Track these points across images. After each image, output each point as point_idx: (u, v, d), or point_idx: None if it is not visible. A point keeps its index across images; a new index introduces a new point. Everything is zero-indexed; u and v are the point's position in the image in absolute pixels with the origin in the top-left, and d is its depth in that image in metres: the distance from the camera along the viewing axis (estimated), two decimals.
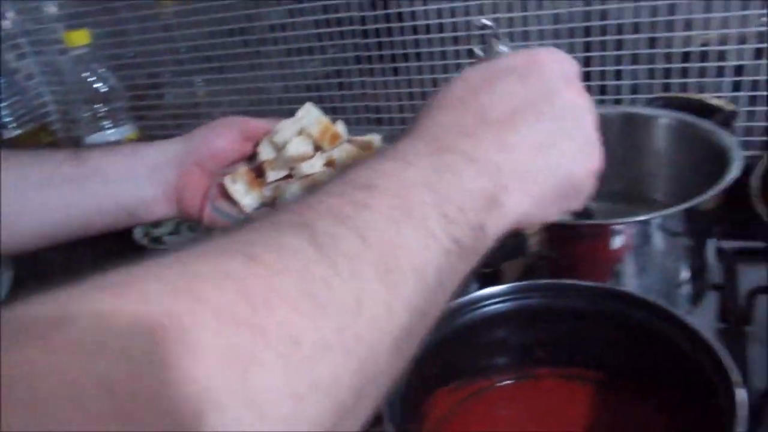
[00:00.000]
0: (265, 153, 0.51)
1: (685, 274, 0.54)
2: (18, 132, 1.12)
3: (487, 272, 0.49)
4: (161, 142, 0.56)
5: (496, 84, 0.35)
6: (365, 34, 0.92)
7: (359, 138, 0.52)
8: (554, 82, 0.35)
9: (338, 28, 0.93)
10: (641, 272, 0.51)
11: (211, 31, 1.04)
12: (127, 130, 1.09)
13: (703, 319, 0.56)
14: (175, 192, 0.54)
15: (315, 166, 0.49)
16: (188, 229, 0.96)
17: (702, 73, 0.75)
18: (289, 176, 0.50)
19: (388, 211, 0.27)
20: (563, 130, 0.35)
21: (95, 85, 1.01)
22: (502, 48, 0.39)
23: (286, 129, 0.50)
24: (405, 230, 0.27)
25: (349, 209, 0.27)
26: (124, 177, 0.54)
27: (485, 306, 0.42)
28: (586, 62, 0.80)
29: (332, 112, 0.59)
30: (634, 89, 0.80)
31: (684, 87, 0.76)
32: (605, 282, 0.50)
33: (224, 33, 1.03)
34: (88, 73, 1.00)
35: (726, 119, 0.61)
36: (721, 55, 0.75)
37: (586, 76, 0.79)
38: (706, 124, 0.57)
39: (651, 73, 0.77)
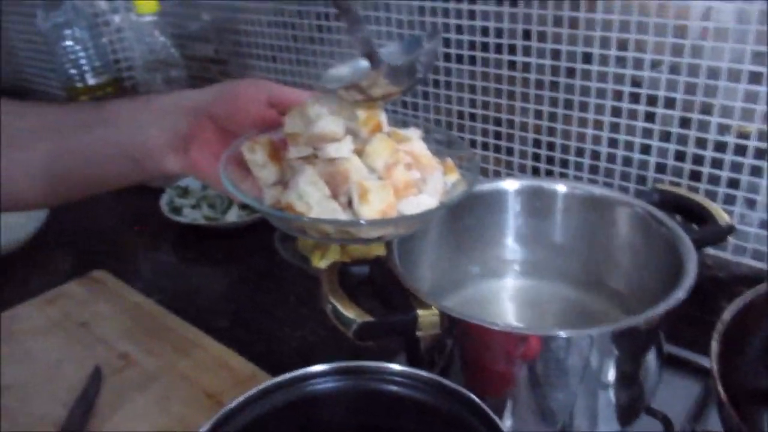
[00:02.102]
0: (292, 125, 0.45)
1: (615, 392, 0.49)
2: (95, 81, 1.20)
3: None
4: (180, 91, 0.53)
5: None
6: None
7: (399, 131, 0.47)
8: None
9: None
10: (557, 385, 0.47)
11: (270, 20, 1.05)
12: None
13: None
14: (182, 143, 0.50)
15: (341, 150, 0.43)
16: (208, 205, 0.99)
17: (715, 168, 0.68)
18: (313, 156, 0.44)
19: None
20: None
21: (155, 52, 1.07)
22: None
23: (322, 102, 0.44)
24: None
25: None
26: (130, 122, 0.52)
27: (310, 385, 0.41)
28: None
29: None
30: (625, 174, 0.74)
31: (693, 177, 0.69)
32: (510, 389, 0.47)
33: (279, 24, 1.04)
34: (149, 40, 1.06)
35: (718, 233, 0.54)
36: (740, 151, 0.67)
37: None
38: (676, 230, 0.52)
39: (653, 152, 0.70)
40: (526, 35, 0.78)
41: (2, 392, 0.64)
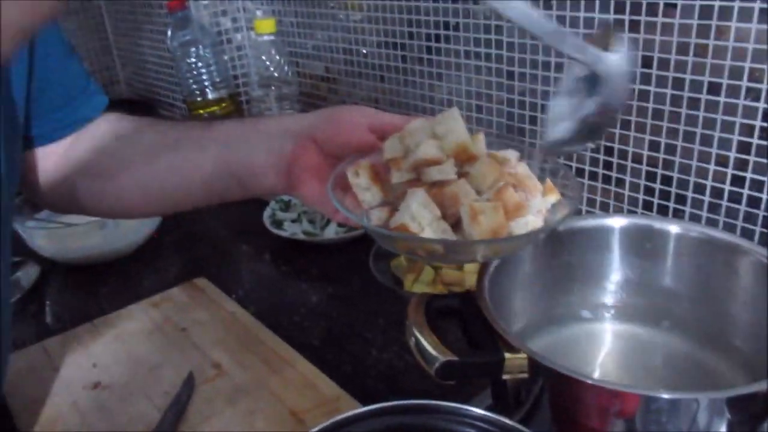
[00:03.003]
0: (392, 150, 0.46)
1: None
2: (214, 95, 1.27)
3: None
4: (285, 114, 0.57)
5: None
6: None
7: (496, 153, 0.47)
8: None
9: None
10: None
11: (381, 41, 1.06)
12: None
13: None
14: (287, 165, 0.52)
15: (445, 171, 0.44)
16: (308, 220, 1.01)
17: None
18: (416, 180, 0.45)
19: None
20: None
21: (270, 69, 1.11)
22: None
23: (419, 130, 0.45)
24: None
25: None
26: (239, 141, 0.55)
27: (386, 420, 0.39)
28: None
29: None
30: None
31: None
32: None
33: (389, 45, 1.05)
34: (264, 58, 1.10)
35: None
36: None
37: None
38: None
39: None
40: (646, 62, 0.73)
41: (104, 391, 0.68)
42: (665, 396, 0.40)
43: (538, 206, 0.46)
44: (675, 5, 0.69)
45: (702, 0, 0.67)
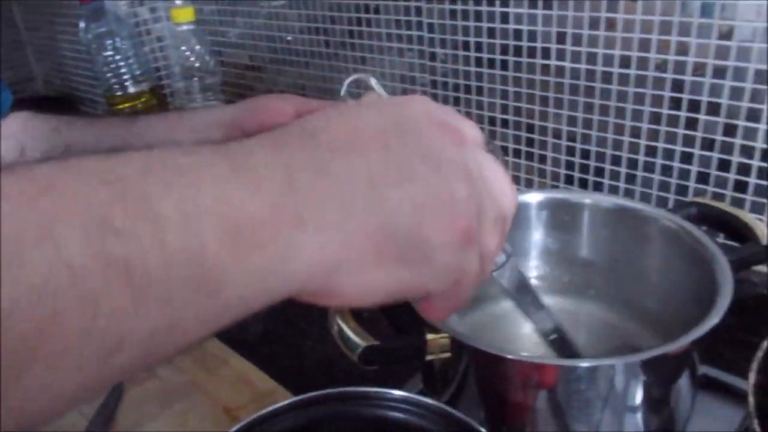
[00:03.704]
0: None
1: (643, 420, 0.46)
2: (135, 89, 1.22)
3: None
4: (210, 107, 0.57)
5: (348, 112, 0.28)
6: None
7: None
8: (417, 119, 0.28)
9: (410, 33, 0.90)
10: (577, 416, 0.44)
11: (303, 27, 1.05)
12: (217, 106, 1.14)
13: None
14: None
15: None
16: None
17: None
18: None
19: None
20: (413, 170, 0.26)
21: (191, 60, 1.07)
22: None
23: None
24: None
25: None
26: (165, 137, 0.54)
27: (311, 411, 0.39)
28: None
29: None
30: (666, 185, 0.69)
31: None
32: (526, 419, 0.44)
33: (312, 30, 1.03)
34: (185, 48, 1.07)
35: (759, 253, 0.50)
36: None
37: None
38: (711, 249, 0.47)
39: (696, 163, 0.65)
40: (560, 38, 0.74)
41: None
42: (583, 365, 0.41)
43: None
44: None
45: None
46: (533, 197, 0.57)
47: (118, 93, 1.20)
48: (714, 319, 0.43)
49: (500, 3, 0.78)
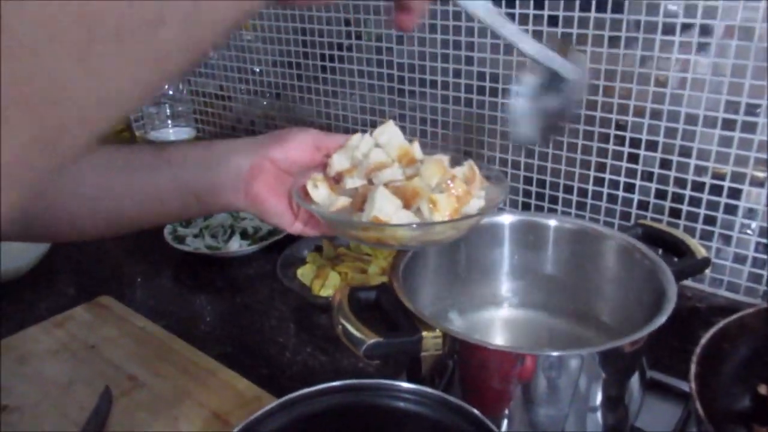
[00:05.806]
0: (340, 163, 0.54)
1: (602, 411, 0.53)
2: None
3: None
4: (236, 139, 0.61)
5: None
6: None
7: (431, 157, 0.54)
8: None
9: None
10: (549, 402, 0.51)
11: (275, 60, 1.11)
12: (187, 132, 1.18)
13: None
14: (243, 182, 0.57)
15: (395, 173, 0.51)
16: (210, 235, 1.03)
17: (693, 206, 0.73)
18: (369, 184, 0.52)
19: None
20: None
21: (163, 87, 1.11)
22: None
23: (364, 143, 0.53)
24: None
25: None
26: (196, 163, 0.58)
27: (319, 402, 0.44)
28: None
29: None
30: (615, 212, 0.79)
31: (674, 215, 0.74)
32: (506, 407, 0.51)
33: (284, 64, 1.09)
34: None
35: (696, 265, 0.59)
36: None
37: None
38: (658, 262, 0.56)
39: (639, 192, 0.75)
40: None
41: (14, 413, 0.66)
42: (555, 354, 0.48)
43: (478, 194, 0.53)
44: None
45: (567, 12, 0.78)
46: (506, 218, 0.65)
47: None
48: (663, 317, 0.50)
49: (466, 47, 0.86)
